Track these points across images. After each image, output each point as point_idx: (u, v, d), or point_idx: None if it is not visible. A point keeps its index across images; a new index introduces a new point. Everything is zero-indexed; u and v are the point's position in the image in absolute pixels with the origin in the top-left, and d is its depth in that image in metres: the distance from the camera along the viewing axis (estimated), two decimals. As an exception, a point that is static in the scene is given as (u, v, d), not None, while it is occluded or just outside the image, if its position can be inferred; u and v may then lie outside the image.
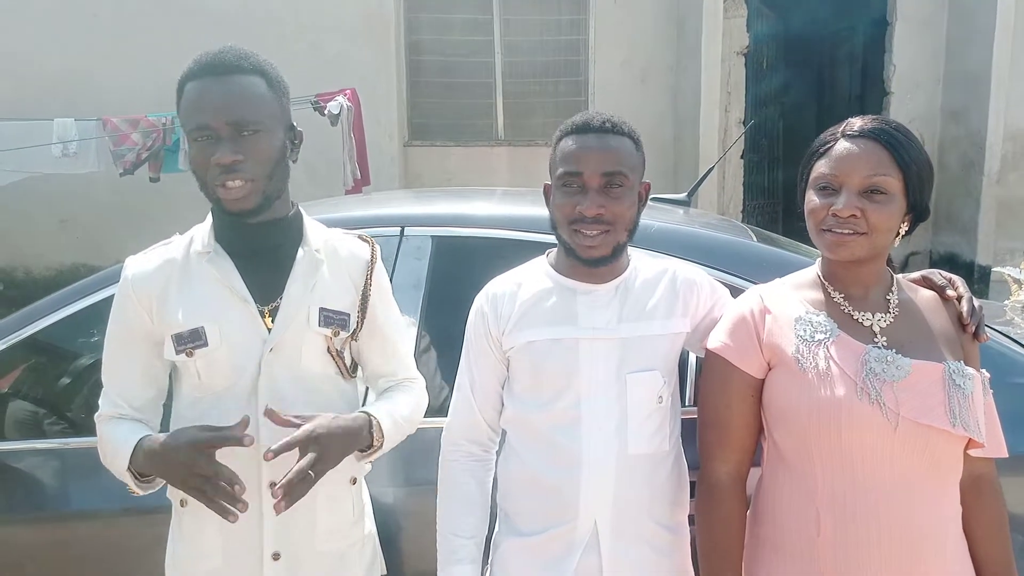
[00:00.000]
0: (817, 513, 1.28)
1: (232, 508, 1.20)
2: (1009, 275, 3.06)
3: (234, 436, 1.20)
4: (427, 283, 1.89)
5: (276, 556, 1.38)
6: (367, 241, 1.51)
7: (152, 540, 1.49)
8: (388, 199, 2.55)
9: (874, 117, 1.32)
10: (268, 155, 1.33)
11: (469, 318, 1.51)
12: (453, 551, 1.46)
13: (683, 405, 1.61)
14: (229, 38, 1.43)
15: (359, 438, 1.35)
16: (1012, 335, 2.09)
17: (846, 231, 1.27)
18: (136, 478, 1.31)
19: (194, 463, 1.20)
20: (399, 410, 1.46)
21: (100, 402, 1.40)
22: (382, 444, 1.39)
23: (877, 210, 1.26)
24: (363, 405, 1.48)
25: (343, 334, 1.42)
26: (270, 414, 1.26)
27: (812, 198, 1.31)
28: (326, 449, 1.26)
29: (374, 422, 1.38)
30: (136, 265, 1.41)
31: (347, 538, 1.46)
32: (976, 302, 1.38)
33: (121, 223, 6.63)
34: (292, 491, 1.21)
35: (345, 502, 1.46)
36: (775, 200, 8.34)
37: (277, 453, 1.21)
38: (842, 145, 1.29)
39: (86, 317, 1.91)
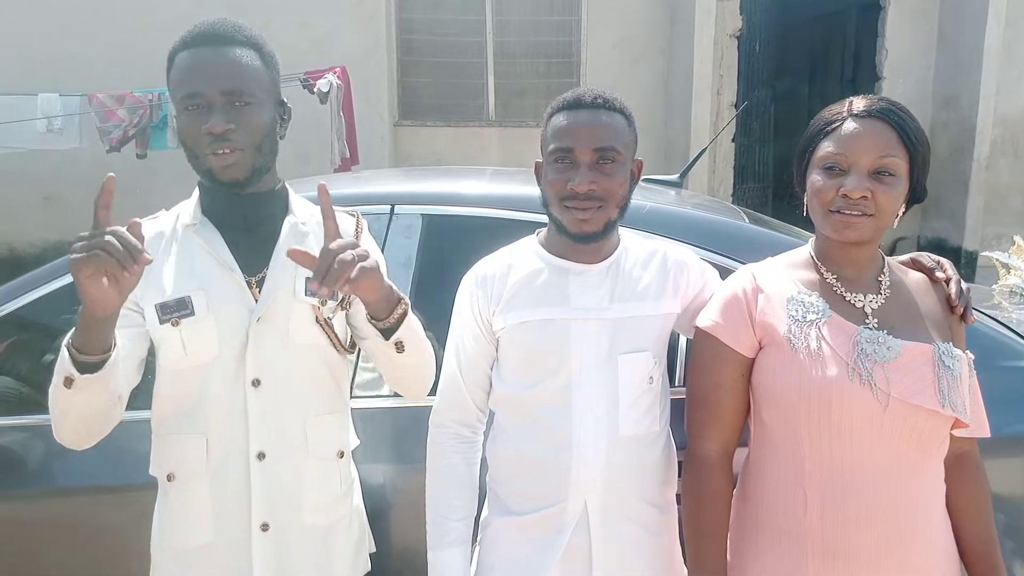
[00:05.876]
0: (804, 493, 1.28)
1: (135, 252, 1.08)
2: (997, 259, 3.08)
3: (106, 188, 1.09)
4: (417, 261, 1.88)
5: (265, 527, 1.38)
6: (352, 215, 1.51)
7: (135, 517, 1.48)
8: (378, 177, 2.52)
9: (879, 97, 1.30)
10: (258, 127, 1.33)
11: (457, 299, 1.49)
12: (444, 533, 1.45)
13: (672, 386, 1.60)
14: (216, 14, 1.42)
15: (385, 280, 1.28)
16: (1000, 318, 2.11)
17: (855, 213, 1.25)
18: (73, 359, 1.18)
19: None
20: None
21: None
22: (406, 310, 1.33)
23: (886, 191, 1.25)
24: (351, 383, 1.46)
25: (331, 303, 1.41)
26: (293, 253, 1.19)
27: (818, 178, 1.29)
28: (362, 256, 1.18)
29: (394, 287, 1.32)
30: None
31: (335, 512, 1.46)
32: (964, 284, 1.38)
33: (107, 201, 6.54)
34: (338, 273, 1.15)
35: (333, 475, 1.46)
36: (765, 184, 8.32)
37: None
38: (850, 124, 1.27)
39: (70, 293, 1.88)
